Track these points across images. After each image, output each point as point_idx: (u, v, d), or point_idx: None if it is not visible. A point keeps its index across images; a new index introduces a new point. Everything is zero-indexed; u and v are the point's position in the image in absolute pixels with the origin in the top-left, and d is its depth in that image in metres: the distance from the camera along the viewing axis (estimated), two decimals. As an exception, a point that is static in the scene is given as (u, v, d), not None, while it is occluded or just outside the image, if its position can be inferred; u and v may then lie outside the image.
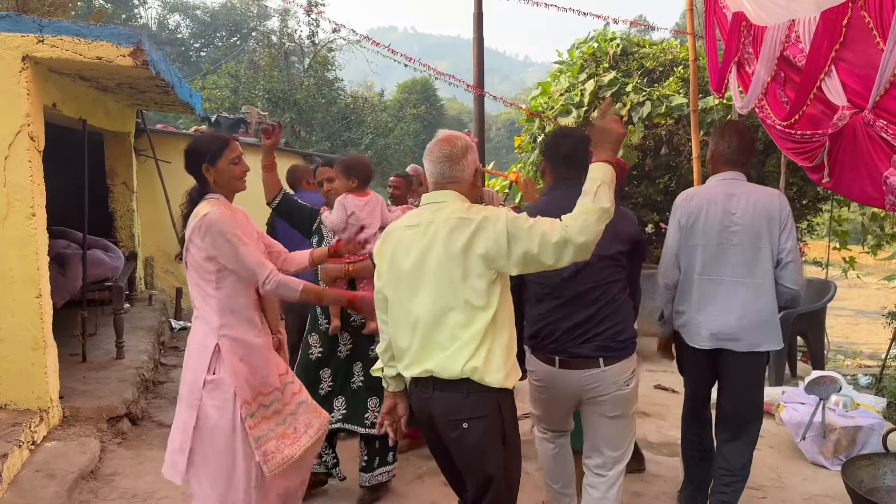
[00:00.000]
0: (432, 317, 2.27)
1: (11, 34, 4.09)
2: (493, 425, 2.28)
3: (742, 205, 3.13)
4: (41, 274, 4.32)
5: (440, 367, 2.25)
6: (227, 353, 2.70)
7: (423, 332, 2.29)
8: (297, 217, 3.85)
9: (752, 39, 4.56)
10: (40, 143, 4.36)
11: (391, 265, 2.39)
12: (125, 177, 7.76)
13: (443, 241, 2.25)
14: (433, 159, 2.39)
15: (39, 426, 4.21)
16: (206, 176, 2.78)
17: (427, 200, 2.41)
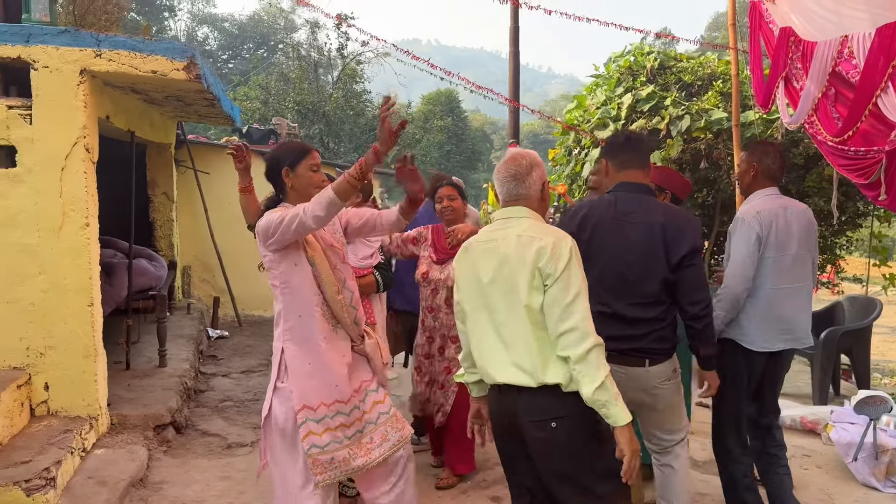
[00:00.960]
0: (510, 328, 2.38)
1: (70, 48, 4.19)
2: (582, 426, 2.35)
3: (795, 217, 3.43)
4: (93, 283, 4.40)
5: (523, 376, 2.34)
6: (292, 358, 2.78)
7: (503, 342, 2.40)
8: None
9: (801, 55, 4.53)
10: (95, 155, 4.45)
11: (470, 279, 2.50)
12: (166, 187, 7.88)
13: (518, 254, 2.35)
14: (501, 178, 2.52)
15: (89, 433, 4.27)
16: (284, 181, 2.85)
17: (499, 216, 2.52)
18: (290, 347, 2.79)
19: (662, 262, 2.85)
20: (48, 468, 3.61)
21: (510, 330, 2.38)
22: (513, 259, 2.36)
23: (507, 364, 2.39)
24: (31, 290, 4.26)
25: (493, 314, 2.42)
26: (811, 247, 3.48)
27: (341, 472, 2.79)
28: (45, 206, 4.23)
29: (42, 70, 4.17)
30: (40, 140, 4.20)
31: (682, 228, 2.88)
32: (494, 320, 2.42)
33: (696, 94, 7.55)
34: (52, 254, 4.26)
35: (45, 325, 4.29)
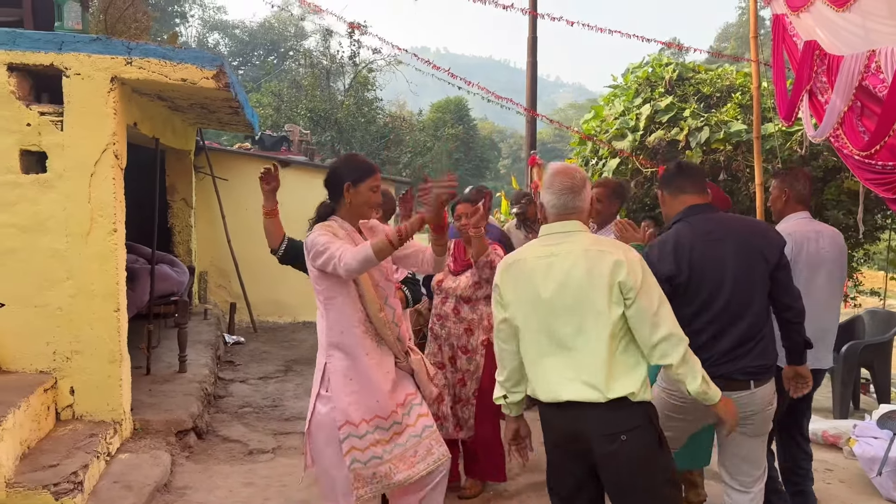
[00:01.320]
0: (578, 343, 2.36)
1: (102, 56, 4.24)
2: (649, 436, 2.37)
3: (827, 242, 3.60)
4: (119, 288, 4.43)
5: (592, 392, 2.32)
6: (335, 372, 2.80)
7: (568, 358, 2.38)
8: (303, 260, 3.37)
9: (826, 68, 4.54)
10: (123, 161, 4.49)
11: (524, 295, 2.45)
12: (185, 193, 7.93)
13: (586, 270, 2.35)
14: (555, 191, 2.48)
15: (114, 438, 4.29)
16: (344, 195, 2.84)
17: (551, 230, 2.49)
18: (334, 362, 2.81)
19: (763, 271, 2.83)
20: (76, 472, 3.63)
21: (578, 345, 2.36)
22: (581, 274, 2.35)
23: (573, 380, 2.36)
24: (59, 294, 4.29)
25: (555, 330, 2.39)
26: (841, 271, 3.61)
27: (383, 486, 2.80)
28: (73, 212, 4.27)
29: (74, 77, 4.22)
30: (71, 146, 4.24)
31: (766, 233, 2.91)
32: (557, 336, 2.39)
33: (715, 106, 7.57)
34: (79, 259, 4.29)
35: (72, 329, 4.32)
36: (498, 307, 2.56)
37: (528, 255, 2.50)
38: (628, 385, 2.32)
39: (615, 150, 7.63)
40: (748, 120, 6.89)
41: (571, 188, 2.46)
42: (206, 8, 36.94)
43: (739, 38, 32.87)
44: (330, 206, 2.94)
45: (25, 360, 4.31)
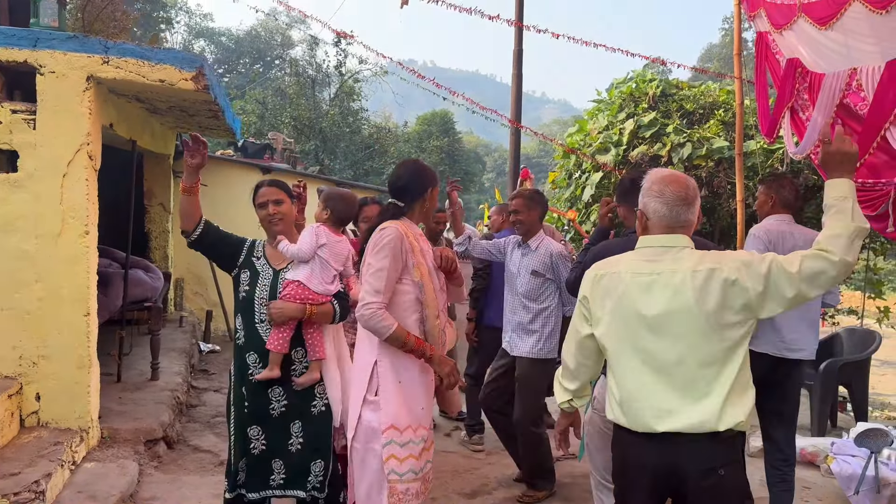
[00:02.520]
0: (684, 367, 2.18)
1: (78, 54, 4.15)
2: (742, 467, 2.29)
3: (803, 239, 3.71)
4: (90, 293, 4.33)
5: (697, 420, 2.16)
6: (385, 371, 2.73)
7: (670, 386, 2.20)
8: (221, 248, 3.17)
9: (808, 86, 4.55)
10: (97, 163, 4.40)
11: (619, 313, 2.27)
12: (162, 198, 7.82)
13: (695, 292, 2.17)
14: (666, 200, 2.27)
15: (80, 446, 4.18)
16: (421, 198, 2.89)
17: (655, 243, 2.29)
18: (385, 361, 2.73)
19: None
20: (38, 481, 3.52)
21: (684, 373, 2.18)
22: (690, 297, 2.17)
23: (676, 411, 2.17)
24: (26, 297, 4.18)
25: (657, 355, 2.20)
26: None
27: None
28: (44, 213, 4.17)
29: (48, 75, 4.13)
30: (43, 145, 4.15)
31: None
32: (658, 362, 2.20)
33: (698, 122, 7.61)
34: (49, 261, 4.19)
35: (39, 333, 4.21)
36: (582, 321, 2.37)
37: (622, 269, 2.30)
38: (738, 414, 2.16)
39: (598, 163, 7.64)
40: (730, 137, 6.92)
41: (685, 199, 2.26)
42: (192, 14, 36.82)
43: (722, 59, 33.30)
44: (400, 209, 2.90)
45: (-10, 365, 4.18)
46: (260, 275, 3.11)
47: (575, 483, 4.57)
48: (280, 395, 3.08)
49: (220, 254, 3.20)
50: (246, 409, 3.08)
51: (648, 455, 2.23)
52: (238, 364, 3.13)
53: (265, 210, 3.10)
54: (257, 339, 3.06)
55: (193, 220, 3.06)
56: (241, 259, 3.14)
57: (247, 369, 3.07)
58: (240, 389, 3.11)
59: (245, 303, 3.09)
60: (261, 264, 3.14)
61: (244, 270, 3.13)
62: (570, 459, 4.94)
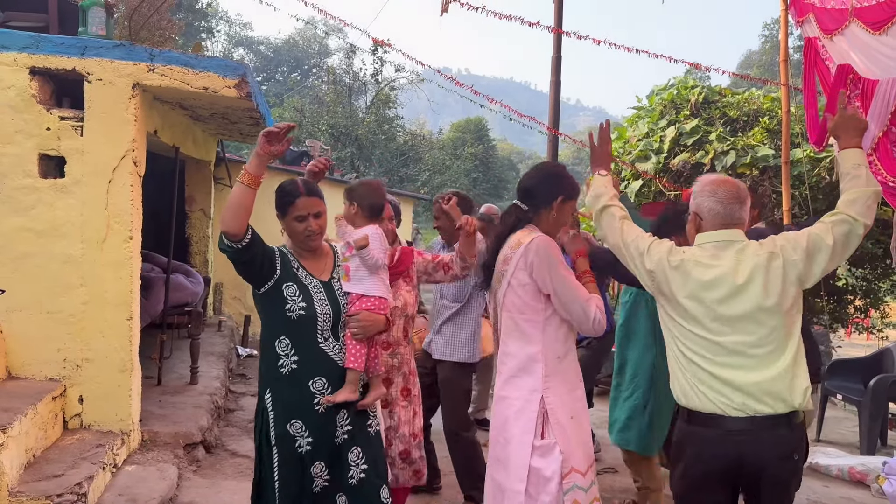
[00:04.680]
0: (758, 352, 2.33)
1: (124, 62, 4.21)
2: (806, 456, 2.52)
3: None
4: (133, 297, 4.38)
5: (775, 401, 2.31)
6: (556, 409, 2.50)
7: (742, 359, 2.34)
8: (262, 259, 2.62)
9: (861, 93, 4.42)
10: (142, 169, 4.45)
11: (689, 299, 2.40)
12: (203, 204, 7.92)
13: (763, 277, 2.35)
14: (721, 199, 2.44)
15: (121, 449, 4.21)
16: (551, 207, 2.67)
17: (716, 238, 2.44)
18: (552, 397, 2.49)
19: None
20: (80, 483, 3.55)
21: (759, 355, 2.33)
22: (759, 283, 2.34)
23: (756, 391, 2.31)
24: (71, 301, 4.24)
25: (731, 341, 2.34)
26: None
27: None
28: (90, 218, 4.23)
29: (95, 82, 4.20)
30: (90, 152, 4.21)
31: None
32: (732, 347, 2.34)
33: (741, 130, 7.46)
34: (94, 266, 4.24)
35: (83, 337, 4.26)
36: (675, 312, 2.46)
37: (693, 262, 2.43)
38: (804, 388, 2.32)
39: (638, 171, 7.52)
40: (775, 145, 6.77)
41: (738, 197, 2.45)
42: (232, 24, 37.55)
43: (762, 66, 32.75)
44: (524, 214, 2.68)
45: (35, 367, 4.25)
46: (309, 288, 2.65)
47: (614, 497, 4.47)
48: (345, 420, 2.69)
49: (259, 265, 2.60)
50: (303, 446, 2.61)
51: (722, 447, 2.32)
52: (287, 397, 2.62)
53: (304, 224, 2.63)
54: (324, 362, 2.63)
55: (244, 221, 2.46)
56: (279, 271, 2.63)
57: (311, 399, 2.61)
58: (284, 427, 2.61)
59: (304, 322, 2.60)
60: (304, 276, 2.68)
61: (289, 285, 2.62)
62: (608, 473, 4.85)
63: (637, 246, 2.53)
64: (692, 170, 7.23)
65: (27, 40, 4.16)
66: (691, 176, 7.25)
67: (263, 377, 2.69)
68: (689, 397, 2.40)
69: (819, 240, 2.35)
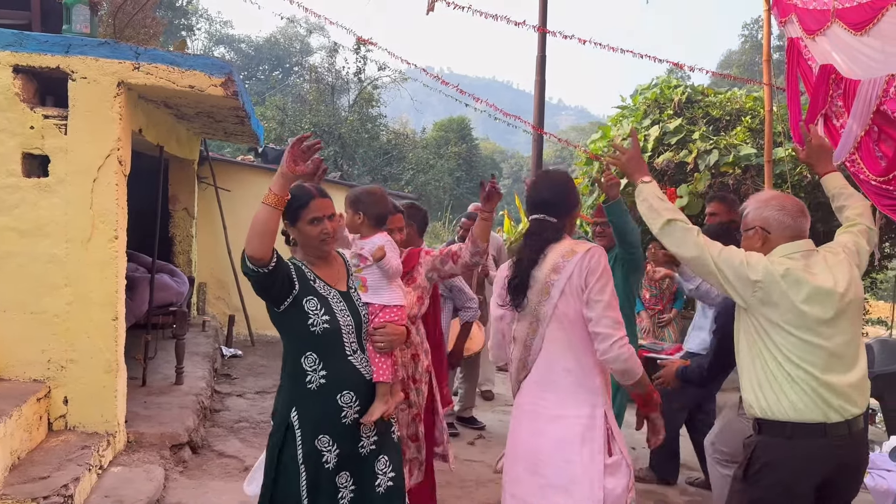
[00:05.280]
0: (850, 351, 2.50)
1: (109, 60, 4.18)
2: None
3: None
4: (118, 297, 4.34)
5: (862, 399, 2.49)
6: (613, 422, 2.49)
7: (839, 362, 2.47)
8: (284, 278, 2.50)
9: (843, 93, 4.48)
10: (127, 168, 4.41)
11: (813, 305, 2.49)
12: (187, 203, 7.87)
13: (849, 277, 2.54)
14: (790, 212, 2.61)
15: (107, 450, 4.18)
16: (570, 217, 2.69)
17: (797, 249, 2.58)
18: (610, 411, 2.49)
19: None
20: (66, 485, 3.52)
21: (848, 344, 2.48)
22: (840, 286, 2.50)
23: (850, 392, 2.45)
24: (56, 301, 4.20)
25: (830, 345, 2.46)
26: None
27: None
28: (74, 217, 4.19)
29: (80, 81, 4.15)
30: (74, 150, 4.17)
31: None
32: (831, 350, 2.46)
33: (724, 129, 7.53)
34: (79, 265, 4.21)
35: (68, 337, 4.22)
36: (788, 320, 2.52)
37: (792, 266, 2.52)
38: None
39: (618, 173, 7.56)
40: (758, 144, 6.85)
41: (804, 211, 2.65)
42: (212, 22, 37.19)
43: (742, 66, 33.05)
44: (556, 226, 2.62)
45: (19, 368, 4.21)
46: (329, 300, 2.58)
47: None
48: (370, 430, 2.64)
49: (280, 285, 2.47)
50: (330, 460, 2.55)
51: (824, 453, 2.42)
52: (315, 413, 2.54)
53: (320, 226, 2.54)
54: (353, 375, 2.58)
55: (270, 245, 2.35)
56: (298, 287, 2.52)
57: (338, 412, 2.55)
58: (312, 443, 2.53)
59: (329, 335, 2.54)
60: (322, 287, 2.60)
61: (309, 299, 2.53)
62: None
63: (728, 259, 2.53)
64: (676, 169, 7.29)
65: (10, 38, 4.11)
66: (675, 175, 7.31)
67: (288, 394, 2.59)
68: (798, 410, 2.44)
69: (859, 246, 2.68)
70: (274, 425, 2.63)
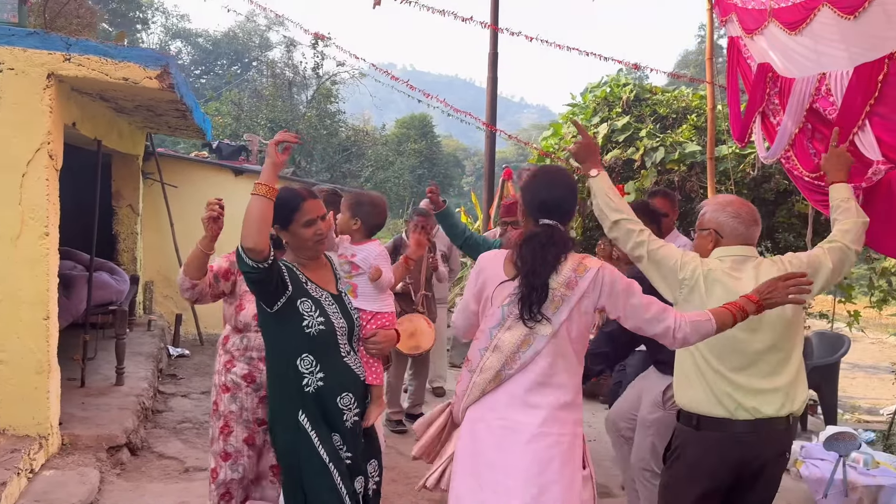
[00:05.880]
0: (767, 351, 2.57)
1: (38, 51, 4.05)
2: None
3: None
4: (50, 295, 4.22)
5: (775, 403, 2.54)
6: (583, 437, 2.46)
7: (756, 368, 2.57)
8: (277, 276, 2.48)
9: (779, 91, 4.57)
10: (58, 162, 4.29)
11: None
12: (131, 199, 7.69)
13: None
14: (744, 220, 2.72)
15: (38, 453, 4.06)
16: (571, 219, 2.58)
17: (736, 253, 2.69)
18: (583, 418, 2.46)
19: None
20: (-8, 490, 3.41)
21: (771, 360, 2.56)
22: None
23: (766, 396, 2.54)
24: (-18, 300, 4.05)
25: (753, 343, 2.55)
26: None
27: None
28: (1, 214, 4.06)
29: (7, 72, 4.02)
30: (1, 144, 4.03)
31: None
32: (749, 352, 2.56)
33: (671, 127, 7.64)
34: (7, 263, 4.07)
35: (-4, 337, 4.08)
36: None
37: (716, 269, 2.65)
38: (803, 396, 2.61)
39: (573, 167, 7.62)
40: (703, 141, 6.95)
41: (756, 221, 2.75)
42: (168, 15, 36.47)
43: (698, 65, 33.64)
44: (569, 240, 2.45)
45: (-56, 370, 4.06)
46: (322, 302, 2.56)
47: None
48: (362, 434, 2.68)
49: (275, 283, 2.42)
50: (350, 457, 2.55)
51: (734, 447, 2.55)
52: (320, 415, 2.50)
53: (313, 227, 2.54)
54: (349, 377, 2.58)
55: (267, 236, 2.32)
56: (291, 287, 2.48)
57: (340, 415, 2.54)
58: (331, 443, 2.51)
59: (324, 337, 2.51)
60: (315, 289, 2.57)
61: (303, 300, 2.50)
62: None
63: (665, 258, 2.69)
64: (623, 165, 7.38)
65: (-69, 27, 3.96)
66: (623, 171, 7.39)
67: (291, 399, 2.50)
68: (700, 403, 2.61)
69: (819, 262, 2.68)
70: (279, 429, 2.54)
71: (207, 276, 2.93)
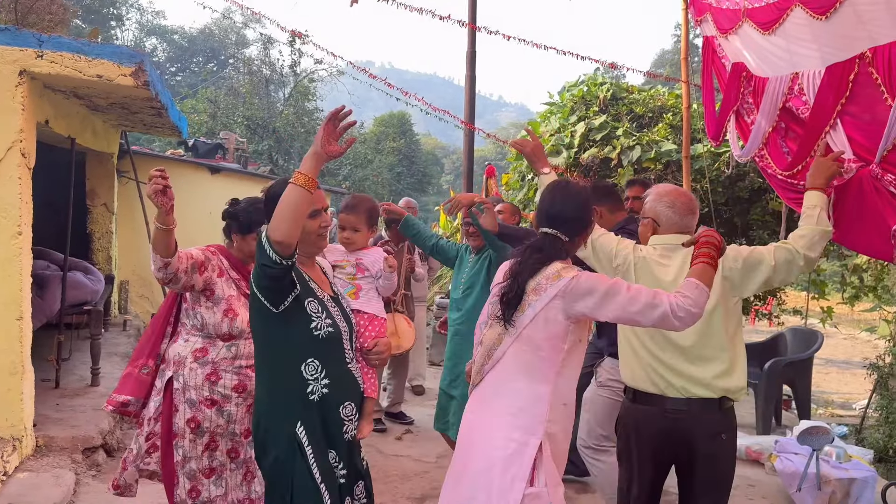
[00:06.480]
0: (694, 341, 2.67)
1: (10, 48, 3.99)
2: (735, 438, 2.81)
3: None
4: (23, 296, 4.16)
5: (704, 387, 2.67)
6: (549, 459, 2.28)
7: (684, 355, 2.70)
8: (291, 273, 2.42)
9: (753, 90, 4.63)
10: (31, 160, 4.23)
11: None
12: (106, 198, 7.58)
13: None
14: (678, 209, 2.85)
15: (12, 455, 4.00)
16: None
17: (668, 242, 2.82)
18: (549, 446, 2.29)
19: None
20: (-37, 494, 3.36)
21: (696, 343, 2.67)
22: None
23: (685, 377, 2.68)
24: (-46, 301, 3.99)
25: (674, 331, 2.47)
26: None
27: None
28: (-27, 213, 3.99)
29: (-23, 69, 3.95)
30: (-28, 142, 3.97)
31: None
32: (672, 335, 2.67)
33: (647, 126, 7.70)
34: (-22, 263, 4.00)
35: (-33, 338, 4.01)
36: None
37: (649, 258, 2.81)
38: (738, 380, 2.71)
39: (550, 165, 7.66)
40: (678, 140, 7.02)
41: (693, 210, 2.86)
42: (143, 12, 36.07)
43: (675, 65, 34.00)
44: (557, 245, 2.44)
45: (-87, 372, 3.99)
46: (326, 304, 2.41)
47: None
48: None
49: (290, 281, 2.26)
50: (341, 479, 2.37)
51: (659, 421, 2.71)
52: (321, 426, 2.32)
53: (319, 219, 2.42)
54: (353, 386, 2.44)
55: (300, 229, 2.14)
56: (299, 286, 2.31)
57: (341, 426, 2.37)
58: (326, 459, 2.32)
59: (332, 340, 2.37)
60: (317, 290, 2.42)
61: (310, 300, 2.34)
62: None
63: (602, 246, 2.92)
64: (601, 164, 7.42)
65: None
66: (600, 170, 7.44)
67: (289, 409, 2.29)
68: (637, 380, 2.80)
69: (760, 257, 2.70)
70: (270, 444, 2.31)
71: (183, 261, 2.77)
